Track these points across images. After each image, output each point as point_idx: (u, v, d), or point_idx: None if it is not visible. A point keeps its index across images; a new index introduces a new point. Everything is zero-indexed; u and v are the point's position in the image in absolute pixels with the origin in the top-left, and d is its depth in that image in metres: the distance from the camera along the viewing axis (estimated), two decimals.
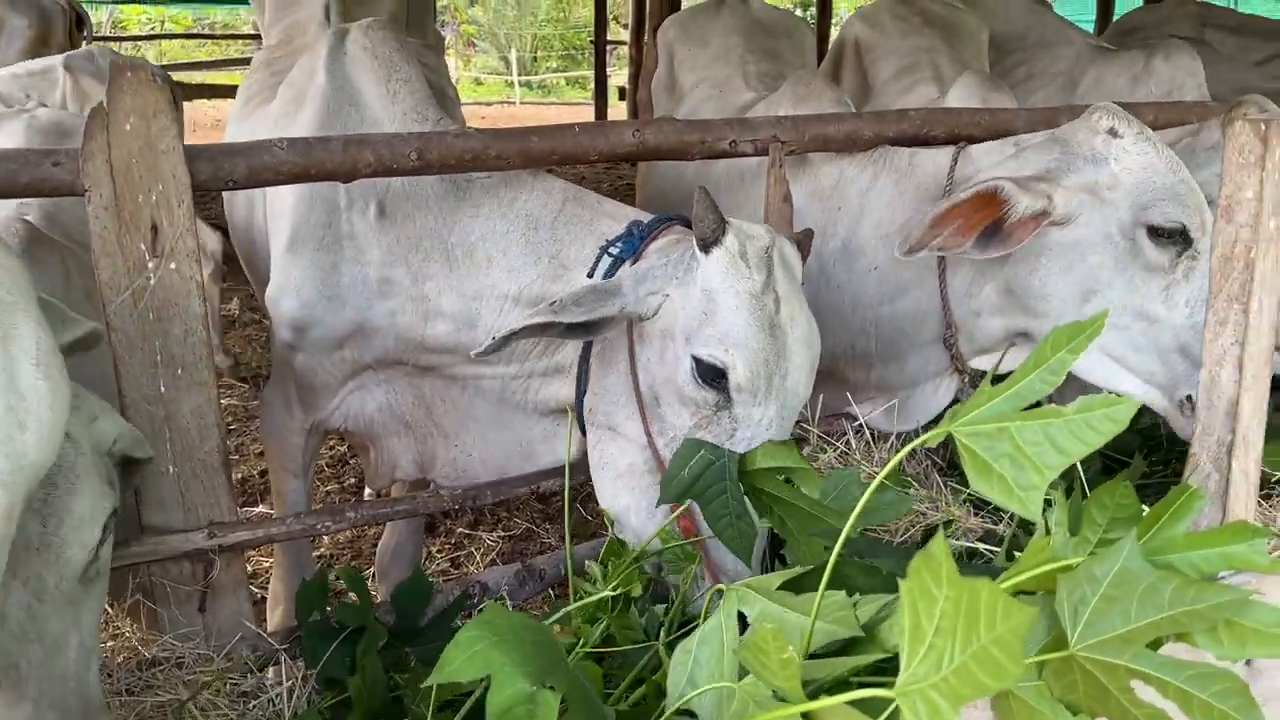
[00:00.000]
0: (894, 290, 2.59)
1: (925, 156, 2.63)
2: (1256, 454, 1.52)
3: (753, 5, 3.98)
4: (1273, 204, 1.42)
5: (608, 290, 1.92)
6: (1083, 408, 1.14)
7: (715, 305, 1.87)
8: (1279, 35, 5.30)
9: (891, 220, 2.60)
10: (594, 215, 2.23)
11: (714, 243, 1.87)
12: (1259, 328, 1.46)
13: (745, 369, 1.85)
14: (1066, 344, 1.18)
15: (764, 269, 1.89)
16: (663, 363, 1.94)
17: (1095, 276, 2.23)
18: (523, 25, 25.83)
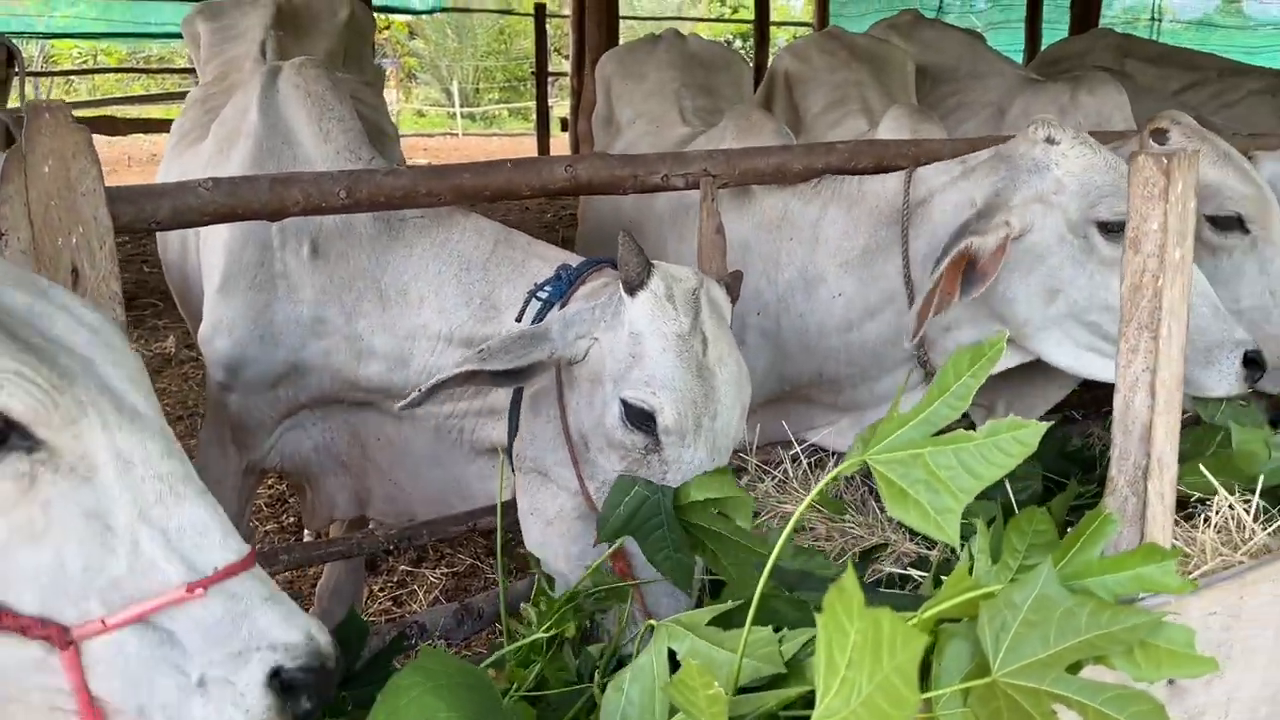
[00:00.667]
0: (862, 315, 2.62)
1: (874, 182, 2.68)
2: (1171, 476, 1.56)
3: (690, 41, 4.03)
4: (1177, 234, 1.47)
5: (535, 336, 1.91)
6: (991, 431, 1.17)
7: (642, 348, 1.87)
8: (1197, 66, 5.50)
9: (850, 247, 2.63)
10: (525, 257, 2.24)
11: (639, 285, 1.88)
12: (1169, 354, 1.51)
13: (673, 411, 1.84)
14: (969, 369, 1.21)
15: (691, 311, 1.90)
16: (591, 407, 1.94)
17: (1056, 276, 2.31)
18: (464, 57, 25.88)
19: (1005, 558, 1.34)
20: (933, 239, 2.46)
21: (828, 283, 2.64)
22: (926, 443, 1.22)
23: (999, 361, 1.21)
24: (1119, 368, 1.56)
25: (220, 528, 1.31)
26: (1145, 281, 1.50)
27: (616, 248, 3.27)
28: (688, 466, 1.88)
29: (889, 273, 2.55)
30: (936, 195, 2.51)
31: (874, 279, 2.57)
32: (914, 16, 4.92)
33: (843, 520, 2.37)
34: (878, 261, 2.57)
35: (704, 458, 1.89)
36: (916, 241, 2.50)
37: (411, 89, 26.55)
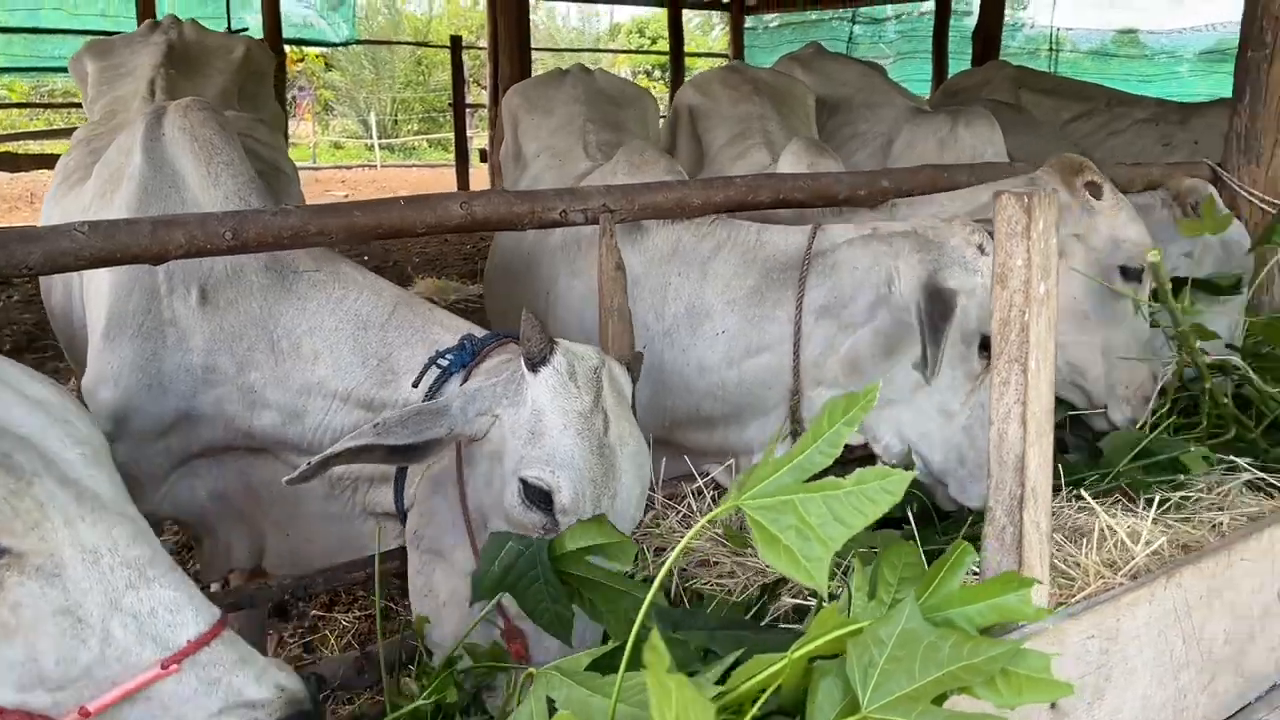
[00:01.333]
0: (744, 353, 2.64)
1: (775, 235, 2.73)
2: (1046, 504, 1.60)
3: (597, 75, 4.05)
4: (1041, 270, 1.51)
5: (435, 411, 1.88)
6: (859, 480, 1.19)
7: (543, 425, 1.85)
8: (1087, 96, 5.73)
9: (739, 285, 2.66)
10: (426, 323, 2.20)
11: (542, 362, 1.87)
12: (1038, 386, 1.55)
13: (570, 490, 1.83)
14: (842, 416, 1.23)
15: (593, 389, 1.89)
16: (490, 486, 1.91)
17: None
18: (381, 89, 25.70)
19: (880, 593, 1.35)
20: (833, 292, 2.53)
21: (713, 319, 2.66)
22: (798, 489, 1.23)
23: None
24: (991, 401, 1.59)
25: (190, 602, 1.34)
26: (1013, 316, 1.54)
27: (521, 282, 3.28)
28: None
29: (778, 317, 2.59)
30: (843, 250, 2.56)
31: (761, 319, 2.61)
32: (815, 49, 5.03)
33: (746, 554, 2.38)
34: (767, 304, 2.61)
35: None
36: (814, 292, 2.55)
37: (328, 121, 26.28)
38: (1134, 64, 16.51)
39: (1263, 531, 1.98)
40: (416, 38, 25.53)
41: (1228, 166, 3.71)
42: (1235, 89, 3.71)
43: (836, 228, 2.67)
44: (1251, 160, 3.65)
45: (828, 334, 2.53)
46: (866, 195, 3.10)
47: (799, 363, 2.54)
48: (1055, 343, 1.58)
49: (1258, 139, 3.62)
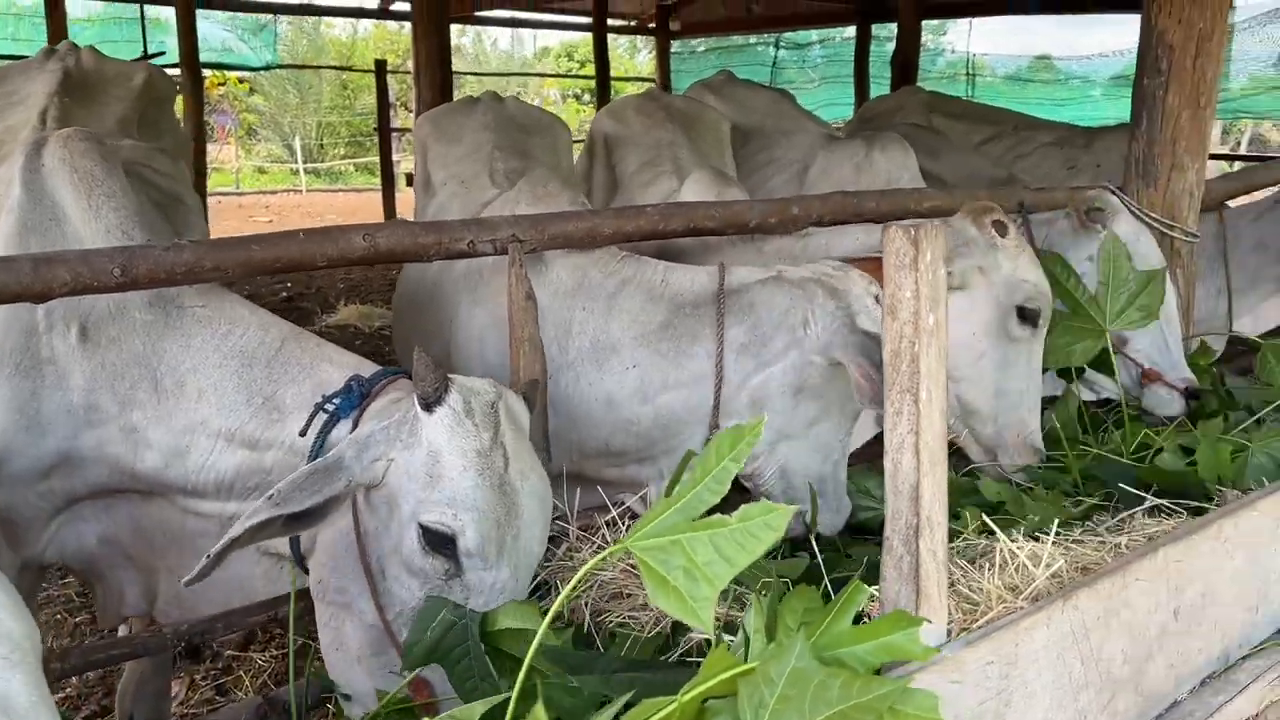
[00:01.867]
0: (657, 389, 2.63)
1: (680, 274, 2.74)
2: (942, 534, 1.61)
3: (508, 103, 4.03)
4: (929, 301, 1.53)
5: (329, 468, 1.81)
6: (744, 517, 1.18)
7: (441, 467, 1.80)
8: (995, 120, 5.89)
9: (648, 321, 2.66)
10: (314, 360, 2.14)
11: (436, 402, 1.82)
12: (930, 416, 1.56)
13: (475, 533, 1.79)
14: (729, 451, 1.22)
15: (490, 425, 1.85)
16: (388, 532, 1.86)
17: (826, 410, 2.56)
18: (306, 113, 25.36)
19: (780, 634, 1.35)
20: (753, 330, 2.56)
21: (621, 354, 2.65)
22: (687, 528, 1.22)
23: None
24: (886, 431, 1.60)
25: None
26: (903, 347, 1.55)
27: (425, 312, 3.23)
28: (492, 589, 1.82)
29: (696, 354, 2.59)
30: (759, 290, 2.61)
31: (676, 356, 2.61)
32: (727, 77, 5.09)
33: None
34: (683, 340, 2.61)
35: (507, 578, 1.84)
36: (734, 330, 2.57)
37: (252, 145, 25.84)
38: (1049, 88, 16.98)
39: (1157, 551, 2.02)
40: (341, 61, 25.28)
41: (1128, 190, 3.82)
42: (1133, 116, 3.82)
43: (742, 269, 2.71)
44: (1149, 184, 3.76)
45: (745, 371, 2.56)
46: (777, 223, 3.13)
47: (719, 398, 2.56)
48: (948, 376, 1.61)
49: (1154, 164, 3.73)
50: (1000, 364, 2.92)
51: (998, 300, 2.90)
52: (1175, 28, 3.60)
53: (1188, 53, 3.62)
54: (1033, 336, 2.95)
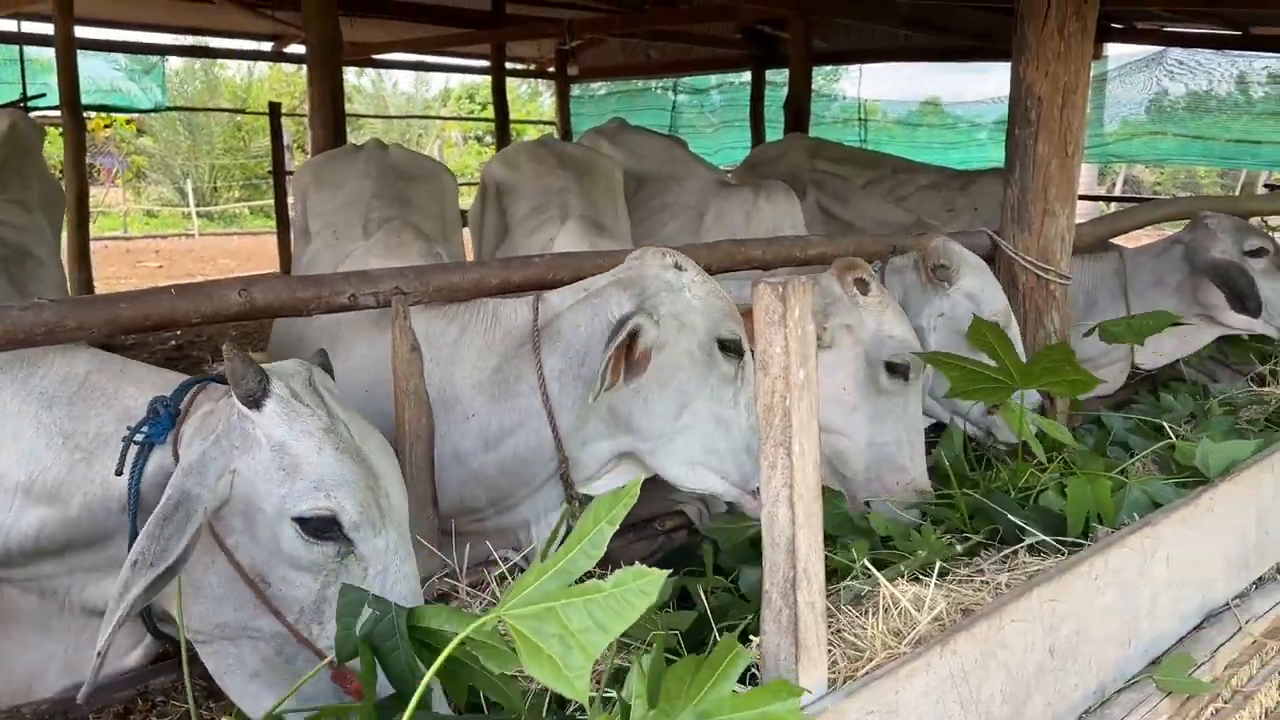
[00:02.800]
0: (497, 435, 2.62)
1: (507, 308, 2.75)
2: (819, 585, 1.63)
3: (392, 151, 4.00)
4: (799, 356, 1.55)
5: (179, 504, 1.73)
6: (618, 582, 1.18)
7: (293, 457, 1.78)
8: (876, 164, 6.10)
9: (483, 367, 2.66)
10: (118, 385, 2.02)
11: (263, 395, 1.79)
12: (803, 469, 1.58)
13: (354, 505, 1.78)
14: (606, 514, 1.22)
15: (320, 400, 1.86)
16: (258, 541, 1.81)
17: (685, 390, 2.50)
18: (199, 155, 24.74)
19: (663, 702, 1.33)
20: (566, 354, 2.57)
21: (462, 403, 2.65)
22: (562, 594, 1.21)
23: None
24: (763, 483, 1.61)
25: None
26: (775, 402, 1.57)
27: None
28: (385, 554, 1.82)
29: (523, 391, 2.60)
30: (565, 314, 2.62)
31: (508, 398, 2.61)
32: (620, 124, 5.16)
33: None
34: (510, 381, 2.61)
35: (395, 538, 1.85)
36: (550, 359, 2.58)
37: (141, 188, 25.06)
38: (938, 132, 17.60)
39: (1031, 592, 2.07)
40: (235, 102, 24.76)
41: (1004, 234, 3.97)
42: (1007, 163, 3.98)
43: (555, 294, 2.73)
44: (1024, 229, 3.91)
45: (575, 394, 2.55)
46: None
47: (558, 431, 2.55)
48: (821, 430, 1.63)
49: (1028, 209, 3.89)
50: (872, 417, 3.00)
51: (866, 356, 2.98)
52: (1042, 80, 3.77)
53: (1055, 104, 3.79)
54: (905, 388, 3.02)
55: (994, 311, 3.44)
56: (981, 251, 4.01)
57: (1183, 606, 2.56)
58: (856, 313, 2.98)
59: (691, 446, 2.51)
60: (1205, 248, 4.48)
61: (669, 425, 2.51)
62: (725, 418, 2.51)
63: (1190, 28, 10.41)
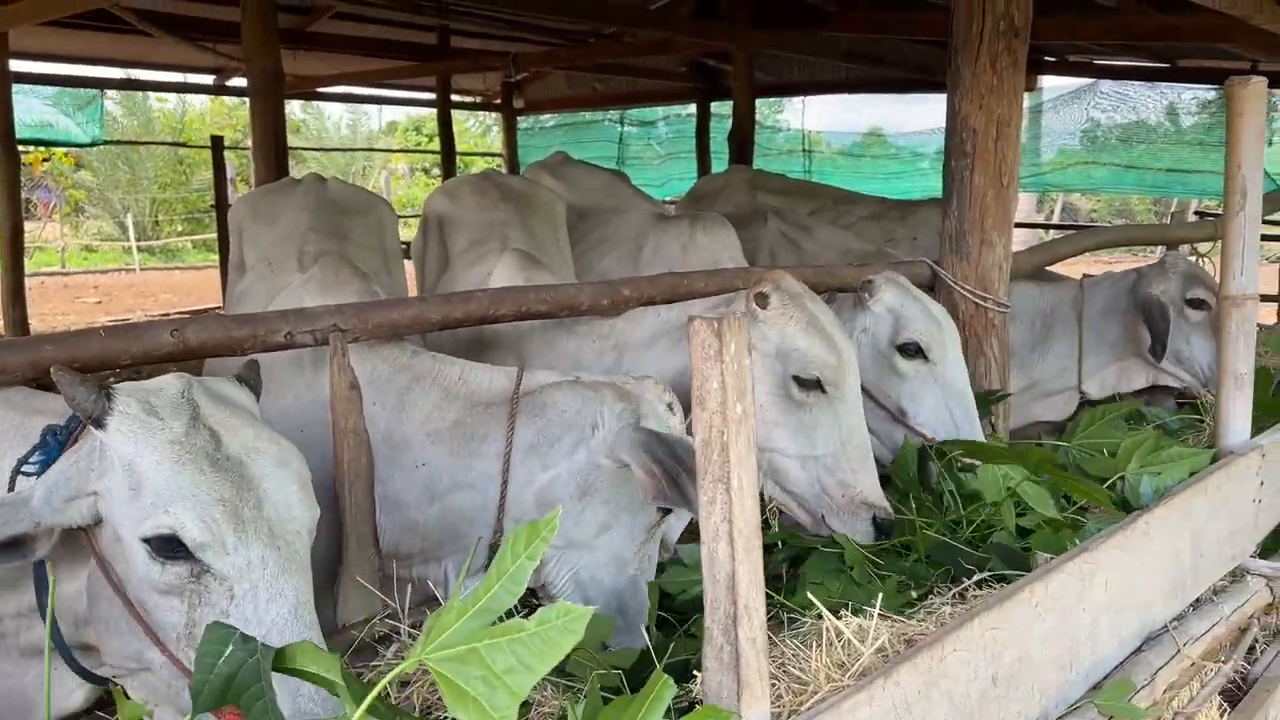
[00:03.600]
0: (447, 488, 2.58)
1: (479, 373, 2.71)
2: (760, 621, 1.62)
3: (330, 184, 3.97)
4: (736, 391, 1.55)
5: (14, 503, 1.71)
6: (542, 620, 1.16)
7: (137, 473, 1.72)
8: (815, 195, 6.21)
9: (442, 418, 2.61)
10: (25, 416, 1.98)
11: (104, 413, 1.74)
12: (742, 504, 1.57)
13: (194, 520, 1.70)
14: (525, 549, 1.20)
15: (183, 414, 1.79)
16: (130, 566, 1.76)
17: (614, 518, 2.47)
18: (139, 189, 24.34)
19: None
20: (543, 431, 2.53)
21: (412, 450, 2.60)
22: (484, 634, 1.18)
23: None
24: (701, 519, 1.60)
25: None
26: (713, 437, 1.57)
27: None
28: (249, 569, 1.73)
29: (486, 453, 2.56)
30: (552, 393, 2.58)
31: (467, 455, 2.57)
32: (563, 158, 5.18)
33: None
34: (474, 439, 2.57)
35: (264, 552, 1.75)
36: (525, 430, 2.54)
37: (79, 223, 24.59)
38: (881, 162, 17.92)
39: (973, 620, 2.08)
40: (173, 135, 24.43)
41: (943, 263, 4.03)
42: (945, 194, 4.05)
43: (541, 373, 2.70)
44: (963, 258, 3.98)
45: (531, 471, 2.53)
46: (609, 304, 3.16)
47: (505, 500, 2.52)
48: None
49: (966, 239, 3.96)
50: (797, 431, 2.96)
51: (773, 371, 2.95)
52: (977, 113, 3.85)
53: (989, 136, 3.87)
54: (830, 399, 2.97)
55: (917, 329, 3.45)
56: (921, 281, 4.08)
57: (1122, 630, 2.59)
58: (757, 328, 2.94)
59: (587, 567, 2.49)
60: (1149, 283, 4.61)
61: (585, 539, 2.49)
62: (624, 557, 2.50)
63: (1120, 60, 10.73)
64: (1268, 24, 5.31)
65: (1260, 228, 3.33)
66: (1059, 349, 4.74)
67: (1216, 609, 2.90)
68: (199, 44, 10.07)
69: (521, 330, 3.26)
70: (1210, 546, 2.93)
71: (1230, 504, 2.99)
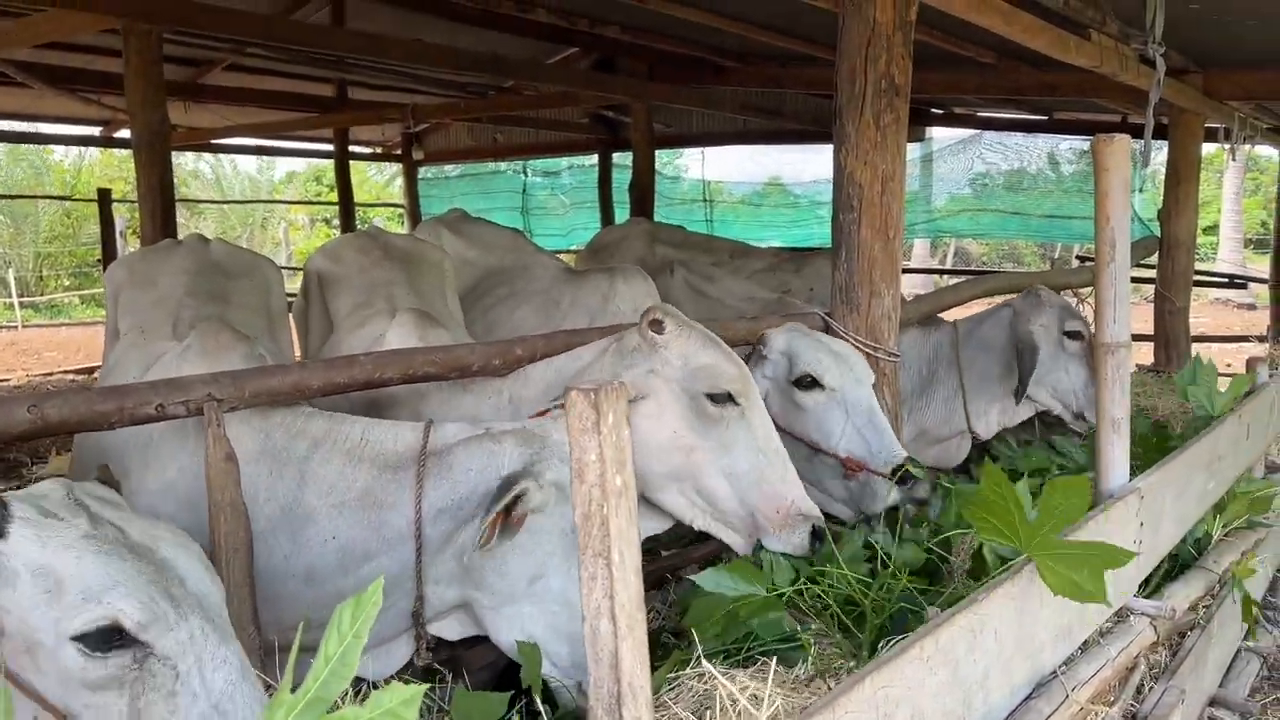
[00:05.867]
0: (360, 559, 2.50)
1: (383, 432, 2.64)
2: (646, 699, 1.58)
3: (214, 246, 3.85)
4: (615, 464, 1.52)
5: None
6: (374, 705, 1.12)
7: (54, 577, 1.66)
8: (712, 248, 6.31)
9: (348, 488, 2.53)
10: None
11: (5, 522, 1.68)
12: (624, 578, 1.54)
13: (134, 603, 1.66)
14: (351, 628, 1.16)
15: (80, 511, 1.76)
16: (49, 674, 1.67)
17: (545, 564, 2.37)
18: (23, 243, 23.38)
19: None
20: (451, 493, 2.46)
21: (318, 523, 2.52)
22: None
23: None
24: (583, 596, 1.57)
25: None
26: (593, 510, 1.54)
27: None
28: (191, 644, 1.70)
29: (393, 520, 2.48)
30: (459, 451, 2.51)
31: (377, 524, 2.49)
32: (461, 214, 5.15)
33: None
34: (383, 507, 2.49)
35: (200, 623, 1.73)
36: (434, 492, 2.47)
37: None
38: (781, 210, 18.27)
39: (864, 681, 2.07)
40: (63, 188, 23.60)
41: (835, 315, 4.09)
42: (834, 247, 4.12)
43: (451, 426, 2.63)
44: (853, 310, 4.05)
45: (445, 531, 2.45)
46: (501, 364, 3.11)
47: (421, 565, 2.44)
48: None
49: (855, 291, 4.03)
50: (719, 448, 2.92)
51: (684, 393, 2.92)
52: (862, 169, 3.94)
53: (875, 191, 3.96)
54: (742, 410, 2.95)
55: (806, 360, 3.54)
56: None
57: (1014, 678, 2.61)
58: (658, 354, 2.92)
59: (534, 619, 2.37)
60: (1027, 318, 4.73)
61: (519, 590, 2.40)
62: (571, 598, 2.36)
63: (1001, 113, 11.20)
64: (1133, 80, 5.60)
65: (1130, 274, 3.45)
66: (942, 393, 4.83)
67: (1103, 651, 2.96)
68: (83, 97, 9.78)
69: (420, 390, 3.19)
70: None
71: None
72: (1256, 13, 5.41)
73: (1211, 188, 23.85)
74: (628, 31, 7.90)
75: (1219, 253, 23.57)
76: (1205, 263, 20.60)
